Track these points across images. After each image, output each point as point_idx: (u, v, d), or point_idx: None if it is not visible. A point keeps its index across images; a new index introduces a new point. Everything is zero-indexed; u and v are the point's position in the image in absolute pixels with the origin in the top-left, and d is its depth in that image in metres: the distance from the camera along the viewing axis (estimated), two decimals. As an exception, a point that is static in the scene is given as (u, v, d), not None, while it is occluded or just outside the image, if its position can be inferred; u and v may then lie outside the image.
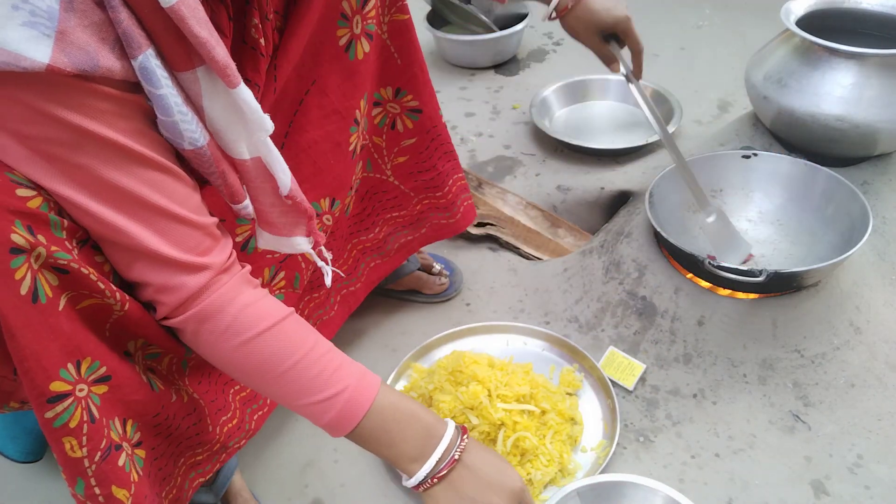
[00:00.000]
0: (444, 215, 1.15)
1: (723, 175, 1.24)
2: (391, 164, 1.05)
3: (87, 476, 0.68)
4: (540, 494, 0.97)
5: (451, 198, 1.13)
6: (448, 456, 0.78)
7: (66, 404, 0.64)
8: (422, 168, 1.08)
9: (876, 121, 1.13)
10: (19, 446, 1.02)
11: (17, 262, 0.58)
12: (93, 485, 0.69)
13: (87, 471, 0.68)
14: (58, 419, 0.64)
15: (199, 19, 0.60)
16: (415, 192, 1.10)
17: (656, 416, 1.07)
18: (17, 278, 0.58)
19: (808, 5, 1.25)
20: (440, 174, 1.10)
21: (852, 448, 1.01)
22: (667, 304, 1.14)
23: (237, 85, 0.64)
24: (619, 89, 1.74)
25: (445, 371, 1.06)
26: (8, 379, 0.68)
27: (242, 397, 0.94)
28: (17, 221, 0.57)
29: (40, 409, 0.63)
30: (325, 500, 1.01)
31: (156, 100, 0.61)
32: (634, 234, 1.23)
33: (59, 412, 0.64)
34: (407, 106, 1.01)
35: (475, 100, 1.83)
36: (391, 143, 1.03)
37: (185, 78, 0.63)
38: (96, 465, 0.68)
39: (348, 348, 1.21)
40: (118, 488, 0.71)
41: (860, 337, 1.10)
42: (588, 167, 1.52)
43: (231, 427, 0.90)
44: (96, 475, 0.69)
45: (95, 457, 0.68)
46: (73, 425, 0.65)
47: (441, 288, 1.28)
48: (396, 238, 1.15)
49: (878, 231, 1.20)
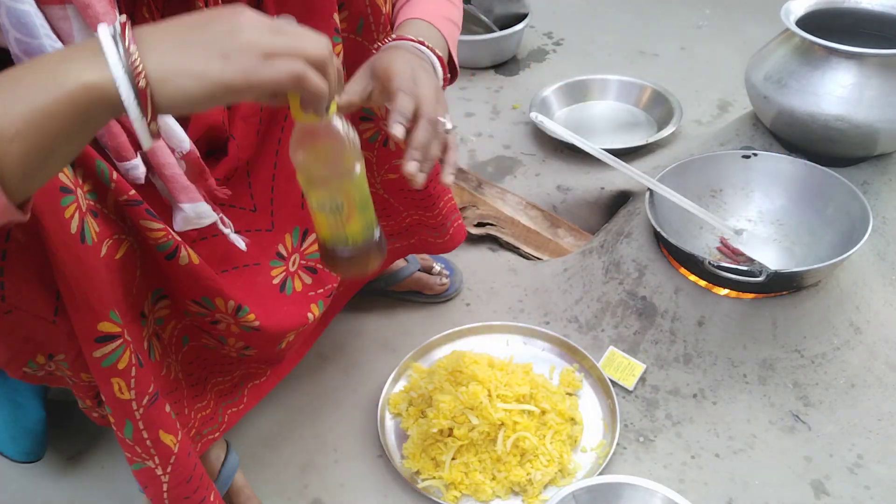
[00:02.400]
0: (433, 234, 1.13)
1: (723, 175, 1.24)
2: (381, 178, 1.03)
3: (136, 419, 0.70)
4: (540, 495, 0.97)
5: (441, 219, 1.11)
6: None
7: (115, 345, 0.66)
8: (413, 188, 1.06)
9: (876, 121, 1.13)
10: (19, 446, 1.02)
11: (67, 200, 0.58)
12: (140, 428, 0.71)
13: (134, 413, 0.70)
14: (106, 359, 0.65)
15: None
16: (404, 207, 1.08)
17: (656, 416, 1.07)
18: (66, 217, 0.58)
19: (808, 5, 1.25)
20: (431, 196, 1.07)
21: (852, 448, 1.01)
22: (667, 304, 1.14)
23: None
24: (619, 89, 1.75)
25: (445, 371, 1.06)
26: (46, 322, 0.66)
27: (219, 390, 0.94)
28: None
29: (89, 349, 0.64)
30: (325, 500, 1.01)
31: (12, 17, 0.55)
32: (634, 234, 1.23)
33: (107, 352, 0.65)
34: None
35: (475, 100, 1.83)
36: (382, 159, 1.01)
37: (54, 14, 0.59)
38: (144, 409, 0.70)
39: (348, 348, 1.21)
40: (165, 433, 0.74)
41: (860, 337, 1.10)
42: (588, 167, 1.52)
43: (204, 415, 0.90)
44: (144, 418, 0.71)
45: (143, 400, 0.70)
46: (121, 367, 0.66)
47: (441, 288, 1.28)
48: (387, 244, 1.14)
49: (878, 231, 1.20)
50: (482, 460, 0.98)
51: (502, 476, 0.97)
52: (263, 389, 1.00)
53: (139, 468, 0.76)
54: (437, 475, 0.99)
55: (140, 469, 0.76)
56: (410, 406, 1.07)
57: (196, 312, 0.78)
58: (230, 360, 0.91)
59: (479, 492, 0.97)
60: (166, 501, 0.80)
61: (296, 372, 1.16)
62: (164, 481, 0.77)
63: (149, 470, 0.76)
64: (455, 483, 0.98)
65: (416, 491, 0.99)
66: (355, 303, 1.27)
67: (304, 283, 0.92)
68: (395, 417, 1.09)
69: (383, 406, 1.09)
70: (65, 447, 1.10)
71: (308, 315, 0.90)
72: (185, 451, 0.78)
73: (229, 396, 0.95)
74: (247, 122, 0.85)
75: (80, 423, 1.12)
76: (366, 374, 1.17)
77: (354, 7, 0.84)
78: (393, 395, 1.11)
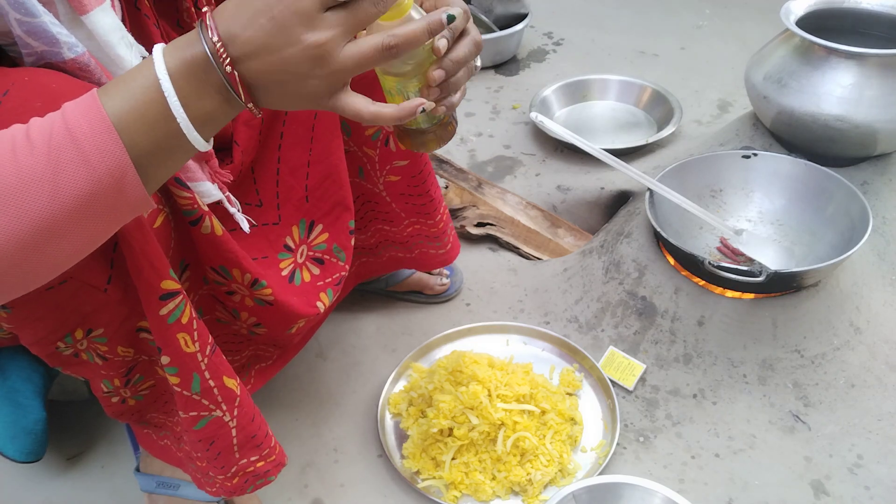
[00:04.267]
0: (434, 244, 1.14)
1: (723, 175, 1.24)
2: (383, 179, 1.04)
3: (202, 370, 0.72)
4: (540, 495, 0.97)
5: (443, 227, 1.12)
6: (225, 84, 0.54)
7: (178, 301, 0.68)
8: (414, 192, 1.06)
9: (876, 121, 1.13)
10: (19, 446, 1.01)
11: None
12: (207, 377, 0.73)
13: (200, 364, 0.72)
14: (171, 315, 0.67)
15: None
16: (406, 214, 1.08)
17: (656, 416, 1.07)
18: None
19: (808, 5, 1.25)
20: (433, 201, 1.08)
21: (852, 448, 1.01)
22: (667, 304, 1.14)
23: (87, 11, 0.60)
24: (619, 89, 1.75)
25: (445, 371, 1.06)
26: (98, 291, 0.67)
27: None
28: None
29: (155, 308, 0.66)
30: (325, 500, 1.01)
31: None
32: (634, 234, 1.23)
33: (171, 309, 0.67)
34: None
35: (475, 100, 1.83)
36: (384, 159, 1.01)
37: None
38: (208, 359, 0.73)
39: (348, 348, 1.21)
40: (228, 378, 0.76)
41: (860, 337, 1.10)
42: (588, 167, 1.52)
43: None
44: (209, 368, 0.73)
45: (206, 350, 0.72)
46: (184, 321, 0.69)
47: (441, 288, 1.28)
48: (387, 249, 1.14)
49: (878, 231, 1.20)
50: (482, 460, 0.98)
51: (502, 476, 0.97)
52: (270, 373, 1.01)
53: (205, 423, 0.76)
54: (437, 475, 0.99)
55: (206, 424, 0.76)
56: (410, 406, 1.07)
57: (214, 280, 0.79)
58: (240, 338, 0.91)
59: (479, 492, 0.97)
60: (236, 448, 0.81)
61: (296, 372, 1.16)
62: (232, 426, 0.79)
63: (216, 420, 0.77)
64: (455, 483, 0.98)
65: (416, 491, 0.99)
66: (355, 303, 1.27)
67: (312, 273, 0.93)
68: (395, 417, 1.09)
69: (383, 406, 1.09)
70: (65, 447, 1.10)
71: (318, 304, 0.91)
72: (245, 393, 0.80)
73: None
74: (249, 126, 0.86)
75: (80, 423, 1.12)
76: (366, 374, 1.17)
77: None
78: (393, 395, 1.11)
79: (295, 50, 0.52)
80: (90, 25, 0.61)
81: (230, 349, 0.93)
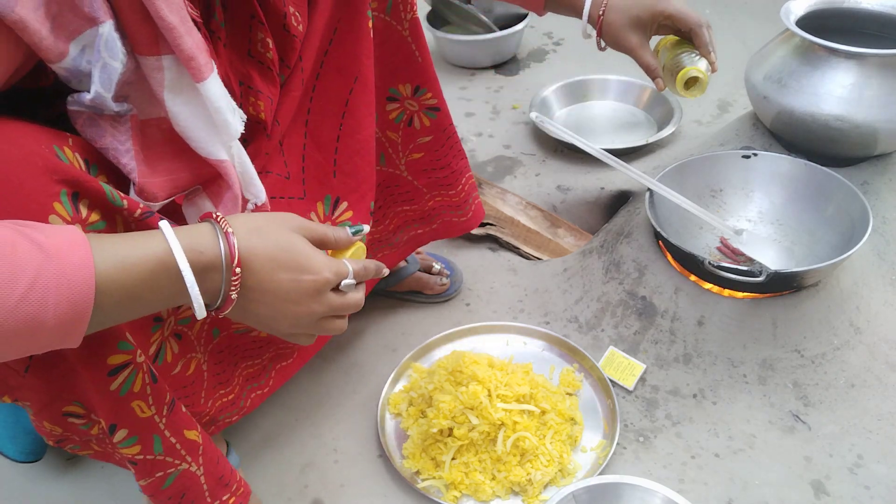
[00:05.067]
0: (456, 213, 1.14)
1: (723, 175, 1.24)
2: (405, 159, 1.05)
3: (161, 430, 0.73)
4: (540, 495, 0.97)
5: (464, 196, 1.13)
6: (220, 296, 0.61)
7: (128, 372, 0.68)
8: (436, 166, 1.07)
9: (876, 121, 1.13)
10: (19, 446, 1.02)
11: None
12: (168, 436, 0.74)
13: (159, 424, 0.72)
14: (122, 388, 0.68)
15: (172, 3, 0.57)
16: (427, 189, 1.09)
17: (656, 416, 1.07)
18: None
19: (808, 5, 1.25)
20: (454, 172, 1.09)
21: (852, 448, 1.01)
22: (667, 304, 1.14)
23: (203, 78, 0.61)
24: (619, 89, 1.74)
25: (445, 371, 1.06)
26: (18, 373, 0.67)
27: (247, 374, 0.94)
28: (63, 191, 0.56)
29: (104, 384, 0.66)
30: (324, 500, 1.01)
31: (104, 75, 0.57)
32: (634, 234, 1.23)
33: (121, 381, 0.67)
34: (426, 104, 1.00)
35: (475, 100, 1.83)
36: (407, 139, 1.03)
37: (148, 63, 0.60)
38: (166, 418, 0.73)
39: (348, 348, 1.21)
40: (189, 430, 0.76)
41: (860, 337, 1.10)
42: (588, 167, 1.52)
43: (225, 402, 0.91)
44: (168, 426, 0.73)
45: (164, 410, 0.72)
46: (137, 389, 0.69)
47: (441, 288, 1.28)
48: (406, 231, 1.14)
49: (878, 231, 1.20)
50: (482, 460, 0.98)
51: (502, 476, 0.97)
52: (290, 371, 1.01)
53: (173, 479, 0.77)
54: (437, 475, 0.99)
55: (175, 479, 0.77)
56: (410, 406, 1.07)
57: None
58: (260, 342, 0.91)
59: (479, 492, 0.97)
60: (207, 493, 0.81)
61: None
62: (199, 474, 0.79)
63: (184, 473, 0.77)
64: (455, 483, 0.98)
65: (416, 491, 0.99)
66: (355, 303, 1.27)
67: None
68: (395, 417, 1.09)
69: (383, 406, 1.09)
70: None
71: None
72: (207, 438, 0.80)
73: (256, 379, 0.96)
74: (290, 97, 0.85)
75: (80, 423, 1.13)
76: (366, 374, 1.17)
77: None
78: (393, 395, 1.11)
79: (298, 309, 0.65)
80: (205, 92, 0.62)
81: (250, 355, 0.93)
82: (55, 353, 0.63)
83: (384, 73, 0.95)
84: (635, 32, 1.06)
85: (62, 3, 0.54)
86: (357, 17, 0.85)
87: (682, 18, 1.03)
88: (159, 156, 0.66)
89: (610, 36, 1.08)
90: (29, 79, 0.59)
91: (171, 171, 0.67)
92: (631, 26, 1.05)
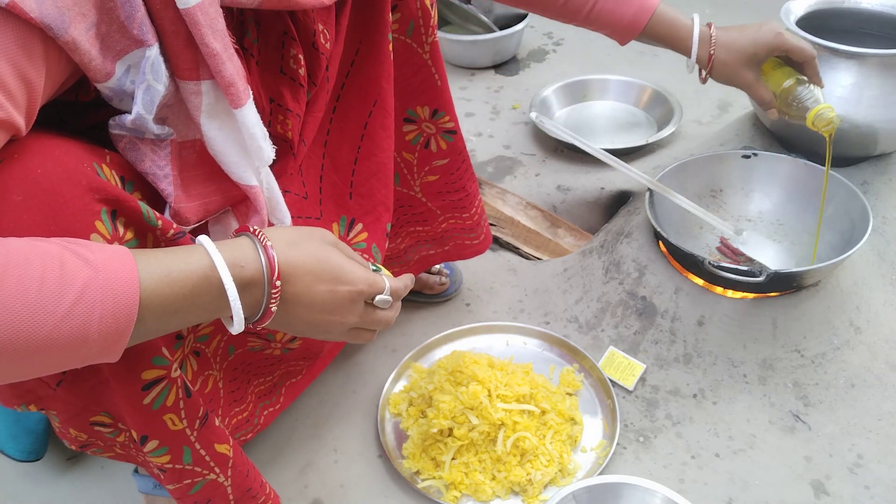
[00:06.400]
0: (469, 236, 1.15)
1: (723, 175, 1.24)
2: (420, 181, 1.05)
3: (192, 442, 0.73)
4: (540, 495, 0.97)
5: (477, 219, 1.14)
6: (260, 308, 0.62)
7: (162, 386, 0.68)
8: (451, 189, 1.07)
9: (876, 121, 1.13)
10: (20, 446, 1.02)
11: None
12: (198, 448, 0.74)
13: (190, 437, 0.73)
14: (155, 402, 0.68)
15: (216, 30, 0.58)
16: (441, 211, 1.10)
17: (656, 416, 1.07)
18: None
19: (808, 5, 1.25)
20: (469, 195, 1.09)
21: (852, 448, 1.01)
22: (667, 304, 1.14)
23: (241, 105, 0.62)
24: (619, 89, 1.74)
25: (445, 371, 1.06)
26: (49, 387, 0.68)
27: (259, 391, 0.95)
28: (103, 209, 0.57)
29: (137, 398, 0.67)
30: (324, 500, 1.01)
31: (146, 97, 0.58)
32: (634, 234, 1.23)
33: (155, 396, 0.68)
34: (443, 127, 1.01)
35: (475, 100, 1.83)
36: (423, 161, 1.03)
37: (187, 88, 0.61)
38: (197, 432, 0.73)
39: (349, 348, 1.21)
40: (220, 444, 0.77)
41: (860, 337, 1.10)
42: (588, 167, 1.52)
43: (240, 419, 0.91)
44: (199, 439, 0.74)
45: (195, 424, 0.73)
46: (170, 403, 0.69)
47: (441, 288, 1.28)
48: (418, 250, 1.15)
49: (878, 231, 1.20)
50: (482, 460, 0.98)
51: (502, 476, 0.97)
52: (299, 387, 1.02)
53: (201, 486, 0.78)
54: (437, 475, 0.99)
55: (202, 487, 0.78)
56: (410, 406, 1.07)
57: None
58: (272, 360, 0.92)
59: (479, 492, 0.97)
60: (232, 502, 0.83)
61: (296, 372, 1.16)
62: (227, 486, 0.80)
63: (211, 483, 0.78)
64: (455, 483, 0.98)
65: (416, 491, 0.99)
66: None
67: None
68: (395, 417, 1.09)
69: (383, 406, 1.09)
70: (65, 447, 1.10)
71: None
72: (238, 451, 0.81)
73: (267, 396, 0.97)
74: (313, 117, 0.85)
75: (80, 423, 1.13)
76: (366, 374, 1.17)
77: (407, 10, 0.88)
78: (393, 395, 1.11)
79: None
80: (241, 118, 0.63)
81: (262, 372, 0.93)
82: (88, 367, 0.62)
83: (403, 94, 0.95)
84: (750, 69, 1.05)
85: (111, 24, 0.55)
86: (378, 41, 0.86)
87: (799, 51, 1.03)
88: (193, 179, 0.67)
89: (722, 74, 1.07)
90: (69, 92, 0.60)
91: (204, 195, 0.68)
92: (745, 64, 1.05)
